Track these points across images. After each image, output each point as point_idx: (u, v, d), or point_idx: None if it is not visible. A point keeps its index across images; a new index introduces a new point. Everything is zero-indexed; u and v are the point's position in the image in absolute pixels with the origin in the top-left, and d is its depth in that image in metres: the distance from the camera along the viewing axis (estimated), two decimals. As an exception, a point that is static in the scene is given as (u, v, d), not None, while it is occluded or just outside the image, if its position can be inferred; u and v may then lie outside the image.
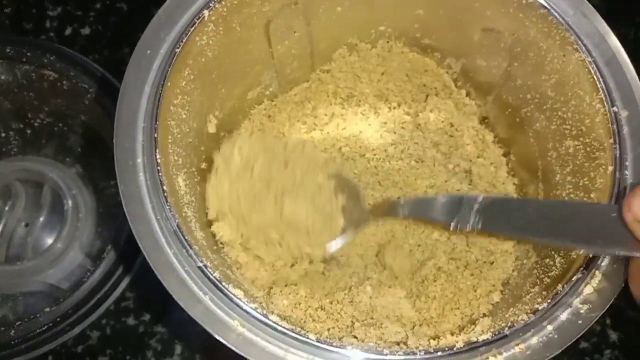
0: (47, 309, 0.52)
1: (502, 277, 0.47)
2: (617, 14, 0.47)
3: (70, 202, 0.59)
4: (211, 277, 0.36)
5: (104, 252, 0.54)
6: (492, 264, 0.48)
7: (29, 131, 0.62)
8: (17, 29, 0.66)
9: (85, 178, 0.61)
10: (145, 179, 0.39)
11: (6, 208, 0.59)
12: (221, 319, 0.36)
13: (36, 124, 0.62)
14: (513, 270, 0.47)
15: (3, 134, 0.62)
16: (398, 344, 0.39)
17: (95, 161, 0.62)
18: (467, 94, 0.55)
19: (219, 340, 0.52)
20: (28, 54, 0.58)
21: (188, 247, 0.37)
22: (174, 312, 0.56)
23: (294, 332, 0.35)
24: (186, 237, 0.37)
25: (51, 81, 0.59)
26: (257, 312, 0.35)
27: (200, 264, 0.36)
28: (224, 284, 0.36)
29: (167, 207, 0.37)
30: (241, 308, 0.36)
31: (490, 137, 0.54)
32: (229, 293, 0.36)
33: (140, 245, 0.37)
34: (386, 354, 0.34)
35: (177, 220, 0.37)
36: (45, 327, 0.51)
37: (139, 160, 0.39)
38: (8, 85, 0.60)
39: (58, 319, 0.52)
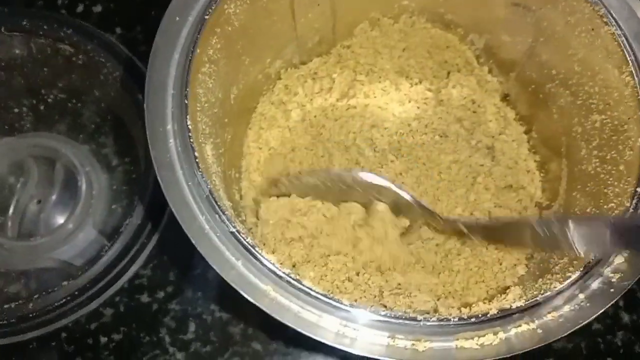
0: (65, 283, 0.51)
1: (525, 251, 0.47)
2: None
3: (83, 179, 0.58)
4: (244, 242, 0.36)
5: (118, 230, 0.53)
6: (515, 238, 0.48)
7: (42, 107, 0.61)
8: (29, 6, 0.64)
9: (98, 155, 0.60)
10: (176, 145, 0.38)
11: (18, 185, 0.58)
12: (254, 284, 0.36)
13: (50, 100, 0.61)
14: (537, 245, 0.47)
15: (16, 110, 0.61)
16: (428, 312, 0.40)
17: (109, 138, 0.61)
18: (490, 71, 0.55)
19: (233, 319, 0.53)
20: (44, 27, 0.57)
21: (221, 213, 0.37)
22: (188, 289, 0.55)
23: (327, 297, 0.35)
24: (219, 203, 0.37)
25: (66, 56, 0.58)
26: (290, 277, 0.35)
27: (233, 229, 0.36)
28: (257, 249, 0.36)
29: (199, 173, 0.37)
30: (274, 273, 0.36)
31: (512, 114, 0.54)
32: (262, 258, 0.36)
33: (173, 210, 0.37)
34: (420, 320, 0.35)
35: (209, 187, 0.37)
36: (63, 300, 0.51)
37: (169, 127, 0.39)
38: (22, 60, 0.59)
39: (76, 293, 0.51)
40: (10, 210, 0.57)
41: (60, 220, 0.57)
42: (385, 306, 0.41)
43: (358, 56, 0.55)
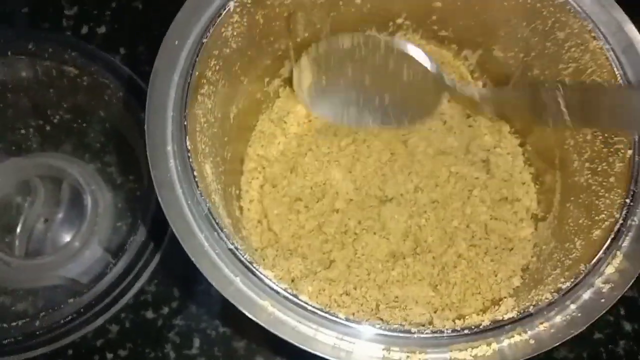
0: (71, 300, 0.53)
1: (521, 262, 0.48)
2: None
3: (89, 197, 0.59)
4: (242, 258, 0.37)
5: (122, 247, 0.55)
6: (511, 250, 0.49)
7: (48, 128, 0.63)
8: (34, 28, 0.66)
9: (103, 174, 0.62)
10: (176, 165, 0.40)
11: (26, 204, 0.59)
12: (253, 300, 0.37)
13: (55, 121, 0.63)
14: (532, 256, 0.48)
15: (22, 131, 0.63)
16: (423, 325, 0.40)
17: (113, 157, 0.62)
18: (484, 86, 0.56)
19: (236, 334, 0.54)
20: (50, 50, 0.59)
21: (219, 230, 0.38)
22: (192, 305, 0.56)
23: (323, 312, 0.36)
24: (217, 221, 0.38)
25: (71, 77, 0.60)
26: (287, 292, 0.36)
27: (231, 246, 0.37)
28: (254, 265, 0.37)
29: (198, 192, 0.38)
30: (271, 288, 0.36)
31: (507, 128, 0.55)
32: (259, 274, 0.37)
33: (173, 228, 0.38)
34: (414, 332, 0.35)
35: (208, 205, 0.38)
36: (70, 317, 0.52)
37: (169, 147, 0.40)
38: (28, 82, 0.61)
39: (82, 310, 0.52)
40: (18, 229, 0.58)
41: (67, 238, 0.58)
42: (382, 319, 0.41)
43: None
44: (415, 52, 0.48)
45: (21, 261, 0.57)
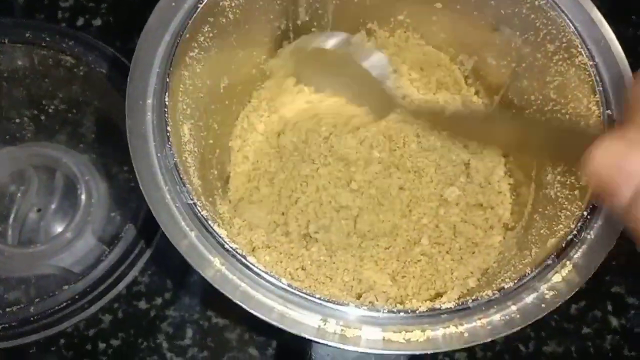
0: (65, 287, 0.53)
1: (482, 266, 0.48)
2: (616, 12, 0.48)
3: (83, 187, 0.60)
4: (199, 214, 0.38)
5: (116, 237, 0.55)
6: (473, 253, 0.49)
7: (43, 117, 0.63)
8: (30, 18, 0.66)
9: (98, 164, 0.62)
10: (153, 118, 0.41)
11: (19, 193, 0.60)
12: (203, 255, 0.38)
13: (50, 110, 0.63)
14: (494, 262, 0.48)
15: (17, 120, 0.63)
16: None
17: (108, 148, 0.63)
18: (476, 93, 0.56)
19: (229, 325, 0.55)
20: (47, 39, 0.58)
21: (181, 184, 0.39)
22: (185, 296, 0.57)
23: (267, 274, 0.37)
24: (181, 176, 0.39)
25: (68, 67, 0.60)
26: (236, 251, 0.37)
27: (190, 202, 0.39)
28: (209, 222, 0.38)
29: (168, 146, 0.40)
30: (222, 246, 0.38)
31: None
32: (212, 231, 0.38)
33: (138, 178, 0.39)
34: (351, 306, 0.36)
35: (175, 159, 0.39)
36: (63, 304, 0.52)
37: (149, 101, 0.41)
38: (24, 71, 0.61)
39: (76, 297, 0.53)
40: (11, 218, 0.59)
41: (60, 228, 0.59)
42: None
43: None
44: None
45: (14, 250, 0.58)
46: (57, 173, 0.61)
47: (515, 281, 0.37)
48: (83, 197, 0.59)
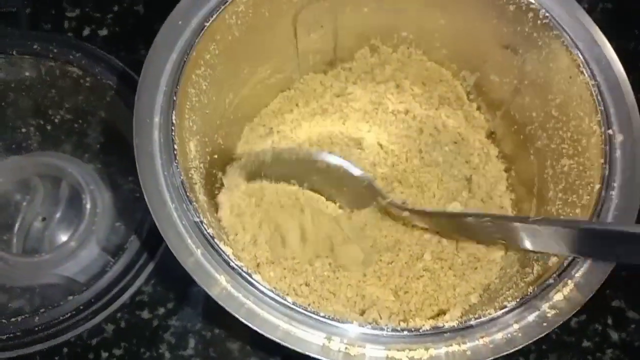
0: (70, 298, 0.53)
1: (484, 282, 0.49)
2: (618, 24, 0.48)
3: (88, 197, 0.60)
4: (205, 232, 0.39)
5: (121, 247, 0.55)
6: (475, 269, 0.49)
7: (49, 127, 0.64)
8: (36, 29, 0.67)
9: (103, 174, 0.62)
10: (159, 137, 0.41)
11: (24, 202, 0.61)
12: (209, 272, 0.38)
13: (56, 120, 0.64)
14: (496, 278, 0.49)
15: (23, 130, 0.63)
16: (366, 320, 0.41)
17: (113, 158, 0.63)
18: (478, 108, 0.57)
19: (231, 335, 0.55)
20: (54, 50, 0.59)
21: (188, 203, 0.39)
22: (188, 306, 0.58)
23: (272, 292, 0.37)
24: (188, 194, 0.40)
25: (74, 78, 0.61)
26: (241, 269, 0.38)
27: (197, 220, 0.39)
28: (215, 240, 0.38)
29: (175, 164, 0.40)
30: (228, 264, 0.38)
31: (495, 152, 0.56)
32: (218, 249, 0.38)
33: (145, 196, 0.40)
34: (355, 324, 0.37)
35: (181, 177, 0.40)
36: (67, 315, 0.53)
37: (157, 119, 0.42)
38: (32, 82, 0.62)
39: (81, 307, 0.53)
40: (16, 227, 0.59)
41: (65, 237, 0.59)
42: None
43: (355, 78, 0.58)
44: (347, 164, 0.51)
45: (18, 259, 0.58)
46: (63, 182, 0.61)
47: (517, 300, 0.38)
48: (88, 206, 0.60)
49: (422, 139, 0.55)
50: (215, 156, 0.51)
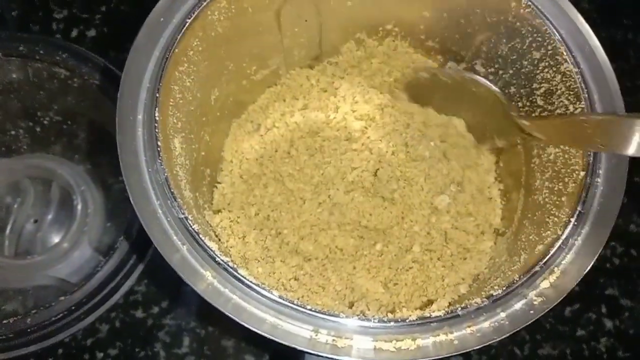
0: (62, 298, 0.53)
1: (473, 272, 0.49)
2: (607, 15, 0.48)
3: (79, 198, 0.60)
4: (190, 228, 0.39)
5: (112, 247, 0.55)
6: (464, 259, 0.49)
7: (38, 129, 0.64)
8: (24, 31, 0.67)
9: (93, 175, 0.62)
10: (143, 134, 0.41)
11: (15, 205, 0.61)
12: (195, 268, 0.38)
13: (45, 122, 0.63)
14: (485, 268, 0.49)
15: (13, 132, 0.63)
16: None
17: (103, 158, 0.63)
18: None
19: (226, 333, 0.55)
20: (41, 52, 0.59)
21: (172, 199, 0.39)
22: (182, 305, 0.58)
23: (258, 287, 0.37)
24: (172, 190, 0.40)
25: (62, 79, 0.61)
26: (227, 264, 0.38)
27: (182, 216, 0.39)
28: (200, 236, 0.38)
29: (159, 161, 0.40)
30: (214, 259, 0.38)
31: (486, 145, 0.56)
32: (204, 245, 0.38)
33: (129, 193, 0.40)
34: (341, 317, 0.36)
35: (165, 174, 0.40)
36: (60, 315, 0.52)
37: (140, 116, 0.42)
38: (19, 84, 0.62)
39: (72, 307, 0.53)
40: (8, 230, 0.59)
41: (56, 238, 0.60)
42: (317, 304, 0.42)
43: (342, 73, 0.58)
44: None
45: (10, 261, 0.58)
46: (53, 184, 0.61)
47: (504, 288, 0.38)
48: (79, 207, 0.60)
49: (409, 132, 0.55)
50: (203, 153, 0.51)
